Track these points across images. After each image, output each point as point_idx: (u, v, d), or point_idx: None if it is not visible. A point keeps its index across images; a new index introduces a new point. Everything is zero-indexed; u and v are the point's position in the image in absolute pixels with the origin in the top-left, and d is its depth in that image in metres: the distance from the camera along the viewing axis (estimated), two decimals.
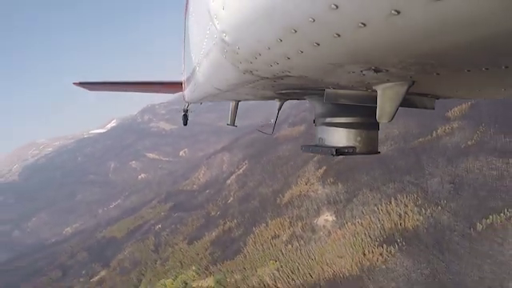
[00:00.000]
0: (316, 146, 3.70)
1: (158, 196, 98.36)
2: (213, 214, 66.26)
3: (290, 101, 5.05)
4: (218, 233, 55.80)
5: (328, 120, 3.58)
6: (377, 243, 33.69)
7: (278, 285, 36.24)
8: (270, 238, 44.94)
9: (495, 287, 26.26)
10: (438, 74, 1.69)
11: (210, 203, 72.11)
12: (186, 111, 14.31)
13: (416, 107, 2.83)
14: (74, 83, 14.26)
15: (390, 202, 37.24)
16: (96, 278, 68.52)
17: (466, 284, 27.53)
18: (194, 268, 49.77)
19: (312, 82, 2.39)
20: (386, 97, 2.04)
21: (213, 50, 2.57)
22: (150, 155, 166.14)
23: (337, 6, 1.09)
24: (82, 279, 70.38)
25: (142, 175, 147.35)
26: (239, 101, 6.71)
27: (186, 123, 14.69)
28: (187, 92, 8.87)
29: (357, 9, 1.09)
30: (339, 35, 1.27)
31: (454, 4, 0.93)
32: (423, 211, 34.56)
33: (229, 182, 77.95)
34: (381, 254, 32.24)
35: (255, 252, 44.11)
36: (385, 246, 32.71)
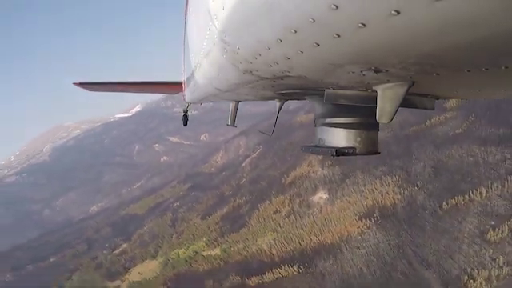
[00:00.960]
0: (316, 146, 3.75)
1: (178, 177, 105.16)
2: (226, 193, 72.14)
3: None
4: (228, 209, 61.82)
5: (328, 120, 3.62)
6: (358, 217, 38.89)
7: (273, 251, 42.12)
8: (271, 213, 50.65)
9: (445, 258, 31.04)
10: (437, 74, 1.70)
11: (224, 184, 77.97)
12: (186, 111, 14.34)
13: (416, 107, 2.86)
14: (74, 83, 14.48)
15: (376, 183, 42.08)
16: (118, 251, 75.31)
17: (423, 255, 32.52)
18: (204, 240, 56.12)
19: (312, 82, 2.40)
20: (386, 97, 2.06)
21: (213, 50, 2.61)
22: (173, 139, 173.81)
23: (337, 7, 1.11)
24: (105, 251, 77.36)
25: (165, 158, 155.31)
26: (239, 101, 6.81)
27: (186, 123, 14.67)
28: (187, 92, 9.10)
29: (357, 9, 1.10)
30: (339, 35, 1.29)
31: (454, 4, 0.93)
32: (402, 191, 39.33)
33: (243, 164, 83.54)
34: (359, 227, 37.44)
35: (258, 225, 50.02)
36: (364, 220, 37.84)
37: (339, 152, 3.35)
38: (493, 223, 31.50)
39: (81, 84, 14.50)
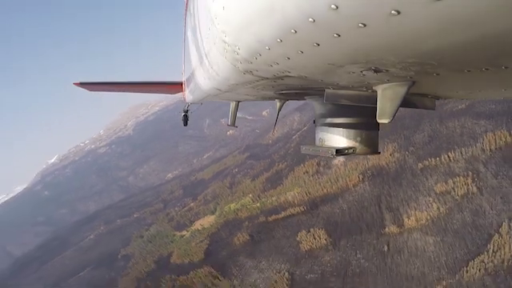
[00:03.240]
0: (316, 146, 3.83)
1: (239, 148, 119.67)
2: (275, 160, 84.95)
3: None
4: (272, 172, 74.49)
5: (328, 120, 3.68)
6: (358, 175, 49.93)
7: (295, 201, 54.91)
8: (302, 173, 62.77)
9: (402, 204, 41.42)
10: (437, 74, 1.72)
11: (276, 153, 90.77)
12: (186, 111, 14.19)
13: (416, 107, 2.91)
14: (75, 83, 14.23)
15: (386, 150, 52.15)
16: (186, 208, 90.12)
17: (391, 202, 42.94)
18: (250, 196, 69.83)
19: (312, 82, 2.41)
20: (386, 97, 2.08)
21: (213, 50, 2.62)
22: (238, 114, 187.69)
23: (337, 7, 1.11)
24: (176, 208, 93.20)
25: (230, 131, 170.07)
26: (239, 101, 6.91)
27: (186, 123, 14.57)
28: (187, 92, 9.21)
29: (357, 9, 1.10)
30: (339, 35, 1.30)
31: (454, 4, 0.93)
32: (397, 155, 49.37)
33: (294, 137, 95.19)
34: (356, 182, 48.64)
35: (290, 183, 62.67)
36: (361, 176, 48.84)
37: (339, 152, 3.44)
38: (444, 179, 40.66)
39: (81, 84, 14.56)
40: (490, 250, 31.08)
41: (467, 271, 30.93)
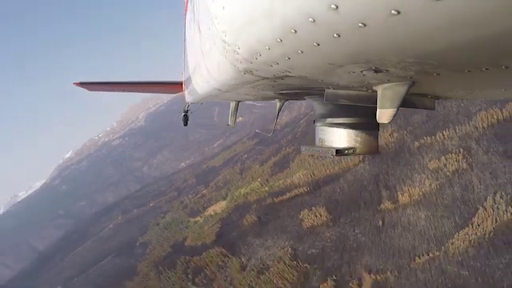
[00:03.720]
0: (316, 146, 3.81)
1: (248, 134, 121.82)
2: (282, 144, 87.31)
3: None
4: (279, 157, 76.77)
5: (328, 120, 3.68)
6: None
7: (300, 182, 57.57)
8: (307, 156, 65.00)
9: (398, 182, 43.51)
10: (438, 74, 1.72)
11: (284, 138, 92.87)
12: (186, 111, 14.21)
13: (416, 107, 2.91)
14: (75, 83, 14.23)
15: (385, 131, 53.83)
16: (199, 195, 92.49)
17: (388, 180, 44.95)
18: (259, 180, 72.49)
19: (312, 82, 2.41)
20: (386, 97, 2.08)
21: (213, 50, 2.62)
22: (247, 102, 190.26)
23: (337, 6, 1.11)
24: (190, 196, 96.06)
25: (240, 118, 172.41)
26: (239, 101, 6.91)
27: (186, 123, 14.54)
28: (187, 92, 9.13)
29: (357, 9, 1.10)
30: (339, 35, 1.30)
31: (454, 4, 0.93)
32: (396, 135, 51.28)
33: (302, 121, 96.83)
34: (357, 162, 50.89)
35: (296, 166, 65.14)
36: (361, 156, 51.07)
37: (339, 152, 3.44)
38: (438, 156, 42.27)
39: (81, 84, 14.59)
40: (475, 223, 33.04)
41: (452, 243, 32.87)
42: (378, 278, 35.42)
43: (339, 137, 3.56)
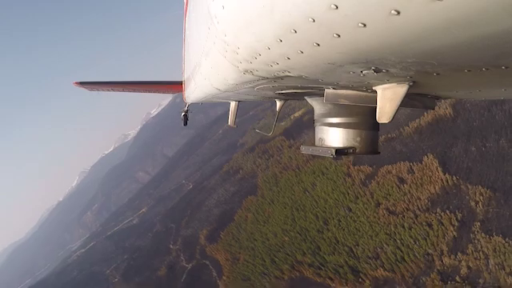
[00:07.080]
0: (316, 146, 3.84)
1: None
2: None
3: None
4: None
5: (328, 120, 3.69)
6: None
7: None
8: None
9: (392, 161, 49.04)
10: (437, 74, 1.73)
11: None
12: (186, 111, 14.40)
13: (416, 107, 2.93)
14: (75, 83, 14.41)
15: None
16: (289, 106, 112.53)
17: (383, 157, 50.00)
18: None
19: (312, 82, 2.40)
20: (386, 97, 2.10)
21: (213, 50, 2.63)
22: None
23: (337, 6, 1.12)
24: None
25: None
26: (239, 101, 6.97)
27: (186, 123, 14.72)
28: (187, 92, 9.28)
29: (357, 9, 1.11)
30: (339, 35, 1.31)
31: (454, 4, 0.94)
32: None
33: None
34: None
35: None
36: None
37: (339, 152, 3.44)
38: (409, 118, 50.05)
39: (81, 84, 14.55)
40: (426, 114, 45.90)
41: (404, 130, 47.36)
42: None
43: (339, 137, 3.59)
